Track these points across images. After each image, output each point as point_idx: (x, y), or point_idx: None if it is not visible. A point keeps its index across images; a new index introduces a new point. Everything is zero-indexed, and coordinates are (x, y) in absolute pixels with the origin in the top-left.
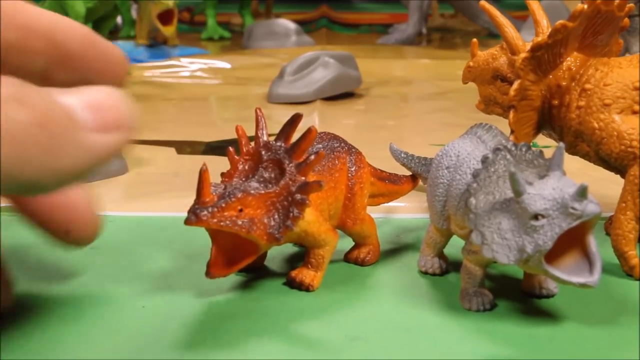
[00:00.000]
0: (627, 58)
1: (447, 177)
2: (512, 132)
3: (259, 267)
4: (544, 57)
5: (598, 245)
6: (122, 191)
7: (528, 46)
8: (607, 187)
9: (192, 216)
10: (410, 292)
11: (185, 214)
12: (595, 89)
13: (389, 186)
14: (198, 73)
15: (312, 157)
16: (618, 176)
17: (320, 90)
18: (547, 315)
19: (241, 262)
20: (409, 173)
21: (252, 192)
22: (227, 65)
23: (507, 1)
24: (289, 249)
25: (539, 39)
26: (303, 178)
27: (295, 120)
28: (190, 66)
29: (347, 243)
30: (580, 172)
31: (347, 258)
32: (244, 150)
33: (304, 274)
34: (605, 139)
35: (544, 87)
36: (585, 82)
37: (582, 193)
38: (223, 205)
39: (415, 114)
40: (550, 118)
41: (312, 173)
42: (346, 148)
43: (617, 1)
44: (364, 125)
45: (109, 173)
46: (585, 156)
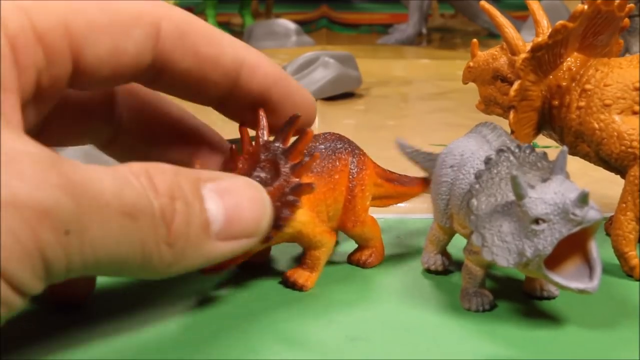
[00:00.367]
0: (628, 58)
1: (451, 175)
2: (512, 132)
3: (262, 262)
4: (544, 58)
5: (599, 248)
6: None
7: (528, 46)
8: (608, 187)
9: None
10: (411, 292)
11: None
12: (596, 89)
13: (398, 188)
14: None
15: (307, 159)
16: (618, 176)
17: (320, 90)
18: (547, 316)
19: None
20: (420, 174)
21: None
22: None
23: (507, 1)
24: (292, 248)
25: (539, 39)
26: (297, 179)
27: (294, 120)
28: None
29: (351, 245)
30: (580, 172)
31: (350, 260)
32: (245, 149)
33: (299, 274)
34: (606, 139)
35: (544, 87)
36: (585, 83)
37: (583, 199)
38: None
39: (415, 114)
40: (550, 118)
41: (312, 174)
42: (349, 149)
43: (617, 1)
44: (364, 125)
45: None
46: (585, 156)
